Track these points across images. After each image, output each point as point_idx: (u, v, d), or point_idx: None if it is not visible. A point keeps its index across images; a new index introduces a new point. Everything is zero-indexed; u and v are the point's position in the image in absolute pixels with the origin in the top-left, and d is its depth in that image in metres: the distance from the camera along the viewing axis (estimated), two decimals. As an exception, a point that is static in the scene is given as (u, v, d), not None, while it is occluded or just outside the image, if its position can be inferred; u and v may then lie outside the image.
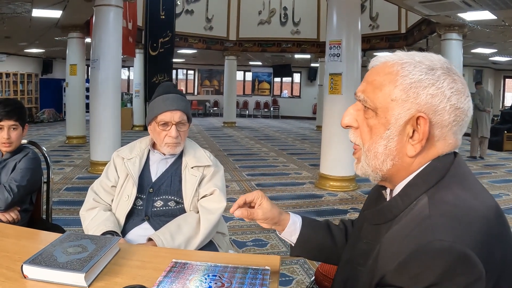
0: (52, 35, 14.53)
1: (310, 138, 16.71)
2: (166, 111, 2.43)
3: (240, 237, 5.24)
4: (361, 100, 1.26)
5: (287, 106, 28.30)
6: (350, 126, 1.31)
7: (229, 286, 1.50)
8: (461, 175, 1.19)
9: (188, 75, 29.38)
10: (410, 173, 1.23)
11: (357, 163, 1.32)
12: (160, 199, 2.48)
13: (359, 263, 1.32)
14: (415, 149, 1.18)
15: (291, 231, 1.66)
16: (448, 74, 1.17)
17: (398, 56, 1.23)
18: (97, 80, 8.81)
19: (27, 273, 1.64)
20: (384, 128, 1.21)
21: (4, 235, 2.18)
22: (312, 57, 21.69)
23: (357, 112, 1.29)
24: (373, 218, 1.33)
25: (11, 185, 2.76)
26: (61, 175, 8.67)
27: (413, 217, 1.10)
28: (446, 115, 1.16)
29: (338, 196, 7.36)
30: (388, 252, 1.07)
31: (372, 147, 1.24)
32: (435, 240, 0.99)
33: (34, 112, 21.47)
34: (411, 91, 1.16)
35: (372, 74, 1.25)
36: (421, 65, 1.17)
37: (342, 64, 7.58)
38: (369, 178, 1.31)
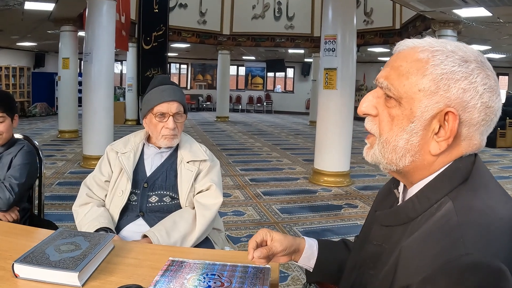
0: (44, 28, 14.42)
1: (303, 133, 16.68)
2: (163, 102, 2.39)
3: (234, 232, 5.20)
4: (383, 87, 1.14)
5: (280, 101, 28.24)
6: (368, 114, 1.19)
7: (229, 285, 1.46)
8: (484, 178, 1.10)
9: (181, 69, 29.28)
10: (430, 173, 1.12)
11: (369, 148, 1.21)
12: (155, 195, 2.44)
13: (369, 266, 1.24)
14: (440, 147, 1.07)
15: (309, 255, 1.56)
16: (482, 68, 1.06)
17: (428, 42, 1.11)
18: (90, 74, 8.74)
19: (19, 272, 1.59)
20: (408, 121, 1.09)
21: (-6, 232, 2.13)
22: (305, 52, 21.66)
23: (377, 99, 1.17)
24: (386, 219, 1.22)
25: (12, 184, 2.69)
26: (53, 170, 8.61)
27: (438, 225, 0.99)
28: (476, 113, 1.05)
29: (332, 192, 7.34)
30: (411, 263, 0.98)
31: (392, 139, 1.12)
32: (467, 254, 0.90)
33: (26, 106, 21.36)
34: (442, 83, 1.05)
35: (398, 59, 1.14)
36: (454, 56, 1.06)
37: (337, 59, 7.55)
38: (380, 166, 1.19)
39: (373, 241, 1.27)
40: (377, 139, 1.17)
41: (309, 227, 5.53)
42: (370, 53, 19.71)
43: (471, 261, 0.89)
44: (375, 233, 1.28)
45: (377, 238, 1.25)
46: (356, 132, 8.88)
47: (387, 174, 1.24)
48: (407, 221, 1.12)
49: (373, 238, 1.28)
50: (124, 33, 14.57)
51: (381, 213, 1.27)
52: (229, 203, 6.44)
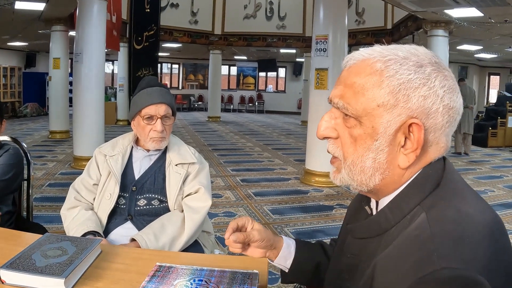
0: (35, 28, 14.36)
1: (295, 133, 16.69)
2: (150, 105, 2.37)
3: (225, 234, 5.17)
4: (340, 107, 1.10)
5: (272, 101, 28.26)
6: (329, 137, 1.15)
7: (216, 291, 1.44)
8: (456, 183, 1.07)
9: (173, 69, 29.26)
10: (401, 185, 1.09)
11: (336, 172, 1.17)
12: (143, 198, 2.42)
13: (345, 278, 1.23)
14: (408, 159, 1.04)
15: (286, 255, 1.54)
16: (438, 70, 1.04)
17: (378, 52, 1.07)
18: (81, 74, 8.70)
19: (5, 278, 1.56)
20: (372, 139, 1.05)
21: (-20, 236, 2.11)
22: (297, 52, 21.71)
23: (335, 120, 1.13)
24: (358, 232, 1.20)
25: None
26: (44, 171, 8.56)
27: (411, 237, 0.96)
28: (439, 117, 1.02)
29: (324, 192, 7.34)
30: (385, 279, 0.95)
31: (358, 160, 1.08)
32: (442, 269, 0.86)
33: (17, 106, 21.26)
34: (401, 94, 1.01)
35: (350, 76, 1.08)
36: (408, 62, 1.02)
37: (329, 59, 7.56)
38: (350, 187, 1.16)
39: (347, 254, 1.25)
40: (342, 163, 1.13)
41: (301, 227, 5.52)
42: (362, 53, 19.77)
43: (446, 275, 0.86)
44: (349, 245, 1.25)
45: (351, 251, 1.23)
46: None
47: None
48: (380, 232, 1.09)
49: (347, 251, 1.26)
50: (115, 33, 14.53)
51: (353, 226, 1.24)
52: (220, 204, 6.43)
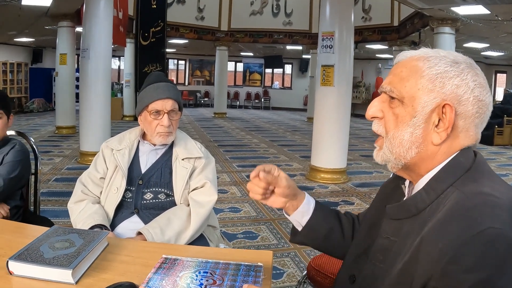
0: (42, 24, 14.40)
1: (301, 129, 16.67)
2: (157, 100, 2.39)
3: (230, 229, 5.21)
4: (387, 91, 1.29)
5: (278, 97, 28.20)
6: (376, 117, 1.33)
7: (221, 283, 1.46)
8: (486, 171, 1.23)
9: (179, 65, 29.25)
10: (435, 164, 1.24)
11: (378, 150, 1.33)
12: (149, 192, 2.44)
13: (378, 259, 1.32)
14: (440, 137, 1.20)
15: (304, 211, 1.61)
16: (471, 68, 1.22)
17: (423, 51, 1.27)
18: (87, 70, 8.74)
19: (13, 269, 1.59)
20: (411, 116, 1.23)
21: (-13, 229, 2.14)
22: (303, 48, 21.65)
23: (382, 104, 1.31)
24: (395, 213, 1.31)
25: None
26: (50, 166, 8.61)
27: (453, 209, 1.09)
28: (469, 105, 1.19)
29: (329, 189, 7.34)
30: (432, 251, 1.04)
31: (398, 134, 1.25)
32: (487, 228, 0.99)
33: (23, 102, 21.35)
34: (437, 81, 1.20)
35: (398, 67, 1.29)
36: (446, 59, 1.22)
37: (335, 55, 7.54)
38: (387, 166, 1.31)
39: (382, 235, 1.34)
40: (384, 138, 1.29)
41: (306, 223, 5.50)
42: (368, 50, 19.69)
43: (492, 234, 0.99)
44: (385, 227, 1.35)
45: (386, 232, 1.33)
46: (353, 129, 8.89)
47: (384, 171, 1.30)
48: (415, 213, 1.23)
49: (382, 232, 1.35)
50: (121, 29, 14.55)
51: (390, 207, 1.34)
52: (226, 200, 6.45)
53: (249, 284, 1.40)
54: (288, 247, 4.72)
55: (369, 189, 7.30)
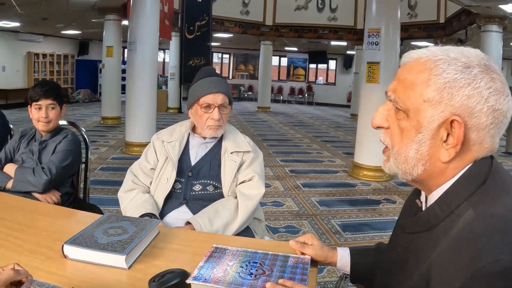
0: (89, 17, 14.66)
1: (344, 126, 16.54)
2: (208, 94, 2.43)
3: (273, 223, 5.24)
4: (392, 100, 1.20)
5: (321, 93, 28.01)
6: (381, 127, 1.26)
7: (270, 273, 1.49)
8: (503, 181, 1.13)
9: (224, 59, 29.36)
10: (446, 179, 1.15)
11: (386, 161, 1.28)
12: (199, 183, 2.48)
13: (395, 272, 1.29)
14: (449, 155, 1.11)
15: (343, 264, 1.68)
16: (485, 72, 1.08)
17: (431, 52, 1.14)
18: (134, 63, 8.89)
19: (68, 253, 1.67)
20: (416, 132, 1.14)
21: (43, 214, 2.22)
22: (348, 44, 21.45)
23: (388, 112, 1.23)
24: (409, 227, 1.28)
25: (50, 166, 2.81)
26: (96, 155, 8.79)
27: (463, 234, 1.03)
28: (483, 117, 1.07)
29: (372, 186, 7.30)
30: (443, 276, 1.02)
31: (403, 150, 1.18)
32: (493, 261, 0.94)
33: (70, 93, 21.84)
34: (445, 92, 1.08)
35: (403, 72, 1.18)
36: (457, 63, 1.09)
37: (381, 52, 7.47)
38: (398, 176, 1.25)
39: (398, 248, 1.32)
40: (391, 151, 1.23)
41: (347, 220, 5.52)
42: (414, 47, 19.09)
43: (499, 267, 0.93)
44: (399, 240, 1.33)
45: (401, 245, 1.30)
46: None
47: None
48: (429, 227, 1.17)
49: (397, 246, 1.33)
50: (167, 23, 14.68)
51: (404, 221, 1.33)
52: (269, 194, 6.48)
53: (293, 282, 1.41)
54: (329, 242, 4.72)
55: (412, 188, 7.13)
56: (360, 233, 5.08)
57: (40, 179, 2.75)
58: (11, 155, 2.98)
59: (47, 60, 20.90)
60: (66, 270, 1.61)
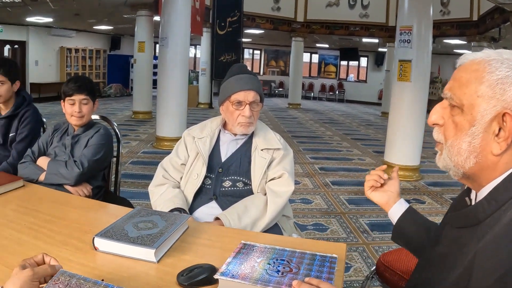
0: (120, 13, 14.80)
1: (374, 124, 16.42)
2: (240, 91, 2.44)
3: (301, 220, 5.24)
4: (447, 97, 1.24)
5: (352, 90, 27.79)
6: (437, 124, 1.29)
7: (297, 271, 1.50)
8: None
9: (255, 54, 29.35)
10: (497, 175, 1.17)
11: (439, 155, 1.30)
12: (228, 179, 2.50)
13: (436, 266, 1.31)
14: (500, 147, 1.13)
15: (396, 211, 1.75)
16: None
17: (485, 53, 1.20)
18: (165, 58, 8.97)
19: (98, 245, 1.71)
20: (469, 125, 1.18)
21: (74, 206, 2.26)
22: (380, 41, 21.23)
23: (444, 110, 1.27)
24: (456, 221, 1.30)
25: (82, 160, 2.86)
26: (127, 149, 8.88)
27: (508, 228, 1.06)
28: None
29: (401, 186, 7.12)
30: (486, 265, 1.04)
31: (456, 143, 1.21)
32: None
33: (101, 87, 22.12)
34: (498, 88, 1.13)
35: (459, 72, 1.23)
36: (509, 62, 1.14)
37: (412, 50, 7.37)
38: (450, 173, 1.28)
39: (443, 242, 1.34)
40: (444, 145, 1.26)
41: (375, 219, 5.48)
42: (446, 45, 19.10)
43: None
44: (445, 234, 1.34)
45: (446, 240, 1.32)
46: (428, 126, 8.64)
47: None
48: (476, 223, 1.18)
49: (444, 239, 1.34)
50: (198, 18, 14.76)
51: (452, 215, 1.34)
52: (298, 191, 6.48)
53: (319, 280, 1.42)
54: (357, 241, 4.71)
55: (442, 189, 7.11)
56: (388, 232, 4.98)
57: (72, 172, 2.80)
58: (44, 148, 3.04)
59: (79, 54, 21.23)
60: (96, 262, 1.64)
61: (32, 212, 2.13)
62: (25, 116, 3.44)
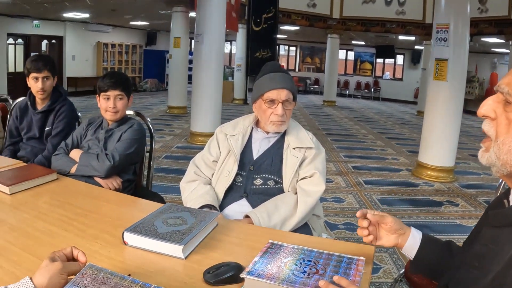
0: (156, 8, 14.93)
1: (410, 123, 16.21)
2: (273, 89, 2.43)
3: (332, 219, 5.22)
4: (504, 92, 1.18)
5: (388, 88, 27.47)
6: (487, 116, 1.24)
7: (324, 273, 1.49)
8: None
9: (290, 51, 29.27)
10: None
11: (484, 151, 1.26)
12: (260, 177, 2.50)
13: (473, 265, 1.28)
14: None
15: (411, 245, 1.63)
16: None
17: None
18: (201, 54, 9.01)
19: (127, 240, 1.73)
20: None
21: (106, 200, 2.30)
22: (416, 39, 20.94)
23: (497, 104, 1.22)
24: (496, 219, 1.27)
25: (113, 153, 2.90)
26: (161, 144, 8.97)
27: None
28: None
29: (435, 187, 7.10)
30: None
31: (508, 141, 1.17)
32: None
33: (137, 81, 22.41)
34: None
35: None
36: None
37: (449, 49, 7.21)
38: (492, 169, 1.25)
39: (480, 241, 1.31)
40: (493, 142, 1.21)
41: (407, 221, 5.39)
42: (484, 43, 18.71)
43: None
44: (484, 233, 1.31)
45: (484, 239, 1.29)
46: (464, 126, 8.51)
47: (493, 173, 1.25)
48: None
49: (481, 238, 1.32)
50: (234, 15, 14.77)
51: (492, 213, 1.31)
52: (330, 189, 6.45)
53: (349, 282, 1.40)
54: (388, 242, 4.65)
55: (476, 191, 6.96)
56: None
57: (103, 165, 2.84)
58: (78, 141, 3.10)
59: (116, 50, 21.60)
60: (124, 256, 1.67)
61: (65, 205, 2.17)
62: (61, 111, 3.52)
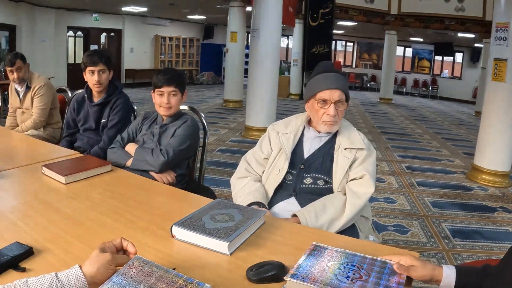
0: (214, 3, 15.09)
1: (467, 123, 15.78)
2: (325, 89, 2.44)
3: (382, 220, 5.18)
4: None
5: (446, 87, 26.82)
6: None
7: (367, 279, 1.48)
8: None
9: (347, 47, 29.02)
10: None
11: None
12: (309, 177, 2.51)
13: None
14: None
15: (448, 283, 1.61)
16: None
17: None
18: (257, 49, 9.07)
19: (176, 234, 1.79)
20: None
21: (158, 193, 2.37)
22: (476, 36, 20.39)
23: None
24: None
25: (167, 149, 2.97)
26: (216, 137, 9.07)
27: None
28: None
29: (489, 192, 6.86)
30: None
31: None
32: None
33: (194, 74, 22.73)
34: None
35: None
36: None
37: (508, 49, 6.93)
38: None
39: None
40: None
41: (459, 225, 5.27)
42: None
43: None
44: None
45: None
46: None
47: None
48: None
49: None
50: (291, 10, 14.75)
51: None
52: (382, 189, 6.39)
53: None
54: (437, 247, 4.57)
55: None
56: (470, 241, 4.83)
57: (158, 160, 2.91)
58: (133, 135, 3.18)
59: (173, 43, 22.04)
60: (171, 249, 1.72)
61: (117, 196, 2.24)
62: (117, 103, 3.62)
